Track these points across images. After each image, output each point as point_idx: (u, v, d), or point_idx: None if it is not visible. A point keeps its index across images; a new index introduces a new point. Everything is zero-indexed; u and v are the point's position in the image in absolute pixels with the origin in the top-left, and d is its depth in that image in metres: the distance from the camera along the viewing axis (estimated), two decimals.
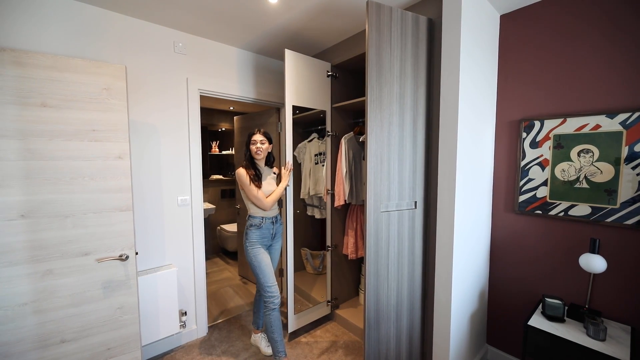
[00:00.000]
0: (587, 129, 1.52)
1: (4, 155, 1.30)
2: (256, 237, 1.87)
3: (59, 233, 1.42)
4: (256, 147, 1.87)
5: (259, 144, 1.88)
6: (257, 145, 1.88)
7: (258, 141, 1.88)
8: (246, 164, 1.88)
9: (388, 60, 1.53)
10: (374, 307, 1.58)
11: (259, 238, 1.88)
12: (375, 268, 1.56)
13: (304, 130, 2.98)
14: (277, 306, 1.83)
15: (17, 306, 1.35)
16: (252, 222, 1.88)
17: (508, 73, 1.79)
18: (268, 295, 1.82)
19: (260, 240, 1.88)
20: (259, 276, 1.84)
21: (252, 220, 1.88)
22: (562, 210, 1.62)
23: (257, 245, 1.87)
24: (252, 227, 1.87)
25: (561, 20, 1.59)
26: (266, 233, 1.91)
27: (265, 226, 1.89)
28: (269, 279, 1.83)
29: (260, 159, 1.92)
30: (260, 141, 1.89)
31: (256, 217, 1.88)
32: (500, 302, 1.91)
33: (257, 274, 1.84)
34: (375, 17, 1.48)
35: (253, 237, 1.86)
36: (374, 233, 1.54)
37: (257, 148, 1.87)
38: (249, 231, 1.87)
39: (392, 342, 1.67)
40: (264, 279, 1.82)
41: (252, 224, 1.88)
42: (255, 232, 1.87)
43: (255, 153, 1.88)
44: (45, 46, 1.61)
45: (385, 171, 1.56)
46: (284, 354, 1.86)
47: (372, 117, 1.50)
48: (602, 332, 1.33)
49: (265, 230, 1.90)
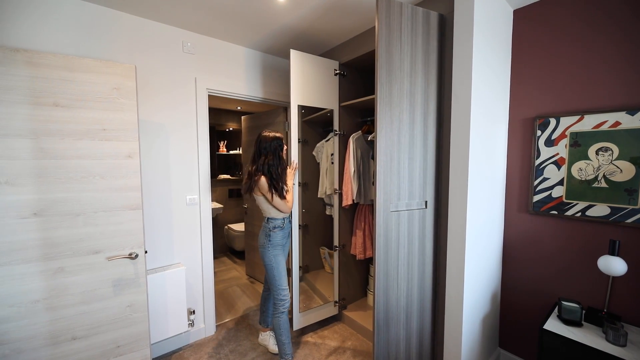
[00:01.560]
0: (606, 126, 1.46)
1: (18, 154, 1.32)
2: (279, 238, 1.88)
3: (70, 231, 1.44)
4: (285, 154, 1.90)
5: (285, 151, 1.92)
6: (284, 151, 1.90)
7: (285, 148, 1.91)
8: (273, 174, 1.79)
9: (398, 57, 1.50)
10: (384, 308, 1.56)
11: (282, 239, 1.90)
12: (384, 269, 1.54)
13: (323, 130, 2.96)
14: (287, 310, 1.86)
15: (29, 303, 1.37)
16: (274, 224, 1.87)
17: (522, 69, 1.74)
18: (280, 298, 1.83)
19: (281, 240, 1.90)
20: (275, 278, 1.84)
21: (275, 222, 1.88)
22: (579, 210, 1.56)
23: (278, 247, 1.88)
24: (276, 229, 1.87)
25: (577, 12, 1.53)
26: (287, 233, 1.96)
27: (286, 225, 1.93)
28: (283, 281, 1.85)
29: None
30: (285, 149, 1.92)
31: (277, 219, 1.88)
32: (514, 304, 1.86)
33: (274, 275, 1.84)
34: (385, 14, 1.45)
35: (276, 239, 1.87)
36: (384, 233, 1.51)
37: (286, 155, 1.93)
38: (273, 233, 1.86)
39: (401, 345, 1.64)
40: (279, 282, 1.84)
41: (275, 225, 1.87)
42: (279, 233, 1.88)
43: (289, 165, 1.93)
44: (56, 46, 1.63)
45: (395, 170, 1.52)
46: (291, 357, 1.86)
47: (382, 115, 1.48)
48: (622, 337, 1.28)
49: (287, 229, 1.94)
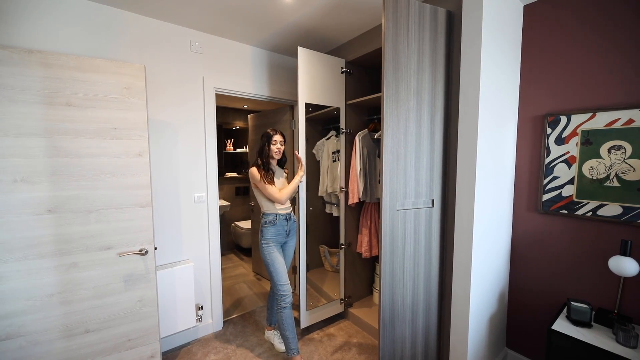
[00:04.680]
0: (619, 123, 1.43)
1: (33, 153, 1.36)
2: (271, 234, 1.89)
3: (83, 228, 1.48)
4: (277, 148, 1.90)
5: (279, 144, 1.91)
6: (278, 145, 1.91)
7: (279, 141, 1.91)
8: (260, 163, 1.90)
9: (405, 55, 1.48)
10: (389, 306, 1.56)
11: (274, 235, 1.89)
12: (390, 267, 1.54)
13: (323, 128, 2.96)
14: (289, 304, 1.85)
15: (45, 297, 1.42)
16: (266, 219, 1.90)
17: (532, 65, 1.71)
18: (280, 294, 1.84)
19: (275, 237, 1.90)
20: (272, 274, 1.86)
21: (266, 217, 1.90)
22: (590, 210, 1.53)
23: (271, 243, 1.88)
24: (267, 224, 1.89)
25: (592, 8, 1.49)
26: (280, 230, 1.92)
27: (279, 223, 1.91)
28: (281, 277, 1.85)
29: (278, 158, 1.95)
30: (280, 142, 1.92)
31: (270, 215, 1.90)
32: (521, 304, 1.84)
33: (271, 271, 1.86)
34: (392, 11, 1.44)
35: (268, 235, 1.88)
36: (390, 232, 1.51)
37: (278, 149, 1.91)
38: (264, 228, 1.89)
39: (407, 343, 1.64)
40: (277, 277, 1.84)
41: (266, 221, 1.90)
42: (270, 229, 1.89)
43: (276, 153, 1.91)
44: (68, 47, 1.66)
45: (401, 168, 1.52)
46: (297, 352, 1.87)
47: (388, 113, 1.46)
48: (633, 338, 1.25)
49: (280, 227, 1.91)
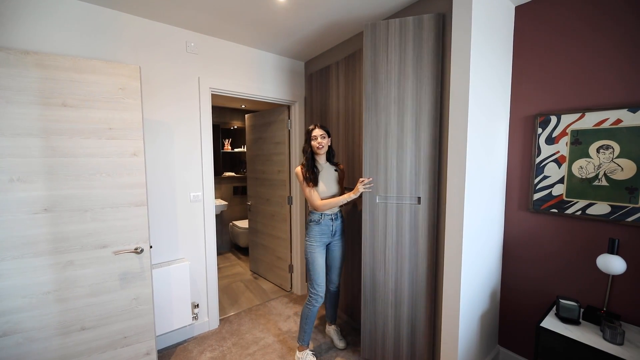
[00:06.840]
0: (608, 123, 1.45)
1: (29, 153, 1.38)
2: (315, 232, 1.88)
3: (79, 226, 1.50)
4: (318, 142, 1.84)
5: (319, 138, 1.85)
6: (319, 140, 1.84)
7: (319, 136, 1.85)
8: (305, 162, 1.87)
9: (385, 69, 1.66)
10: (370, 281, 1.82)
11: (318, 234, 1.89)
12: (371, 249, 1.80)
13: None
14: (319, 304, 1.87)
15: (41, 294, 1.44)
16: (311, 217, 1.90)
17: (523, 66, 1.73)
18: (314, 293, 1.86)
19: (320, 236, 1.89)
20: (310, 272, 1.87)
21: (312, 215, 1.90)
22: (580, 209, 1.55)
23: (315, 242, 1.88)
24: (312, 222, 1.89)
25: (581, 9, 1.51)
26: (325, 229, 1.90)
27: (324, 222, 1.89)
28: (319, 277, 1.86)
29: (323, 153, 1.91)
30: (320, 135, 1.85)
31: (315, 213, 1.89)
32: (513, 302, 1.86)
33: (309, 269, 1.87)
34: (370, 38, 1.68)
35: (312, 233, 1.89)
36: (369, 218, 1.78)
37: (319, 143, 1.84)
38: (309, 227, 1.90)
39: (389, 322, 1.81)
40: (315, 277, 1.86)
41: (311, 219, 1.90)
42: (315, 227, 1.88)
43: (318, 148, 1.85)
44: (64, 48, 1.68)
45: (382, 167, 1.73)
46: (307, 344, 1.92)
47: (368, 122, 1.71)
48: (619, 335, 1.27)
49: (324, 226, 1.89)
